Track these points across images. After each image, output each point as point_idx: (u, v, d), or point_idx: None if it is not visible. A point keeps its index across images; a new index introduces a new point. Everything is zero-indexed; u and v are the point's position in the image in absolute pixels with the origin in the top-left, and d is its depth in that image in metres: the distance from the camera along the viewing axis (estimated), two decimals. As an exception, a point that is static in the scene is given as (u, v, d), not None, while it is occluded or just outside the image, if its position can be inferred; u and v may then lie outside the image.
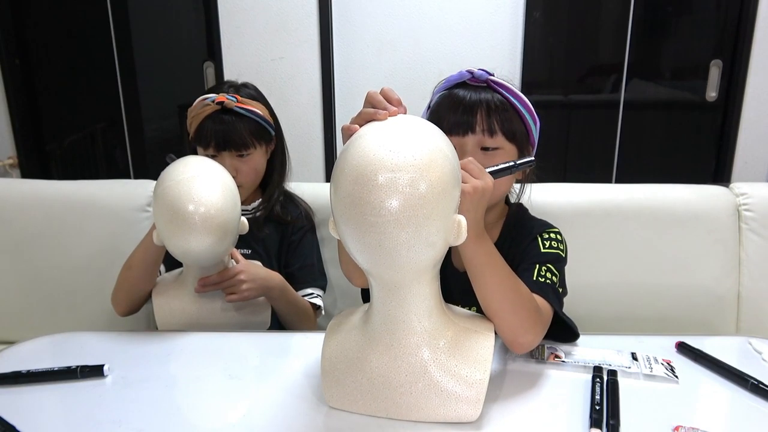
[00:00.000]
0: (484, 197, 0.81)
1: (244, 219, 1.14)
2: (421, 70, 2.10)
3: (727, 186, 1.54)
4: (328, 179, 2.18)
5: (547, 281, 0.97)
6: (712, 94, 2.13)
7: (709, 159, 2.20)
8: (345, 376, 0.82)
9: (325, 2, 2.03)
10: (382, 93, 0.80)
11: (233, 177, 1.22)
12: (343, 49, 2.11)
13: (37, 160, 2.41)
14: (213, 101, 1.25)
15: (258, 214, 1.36)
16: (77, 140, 2.49)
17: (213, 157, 1.26)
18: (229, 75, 2.12)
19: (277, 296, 1.25)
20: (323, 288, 1.40)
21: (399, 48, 2.09)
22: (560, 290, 0.99)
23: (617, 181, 2.22)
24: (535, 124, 1.04)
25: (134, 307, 1.22)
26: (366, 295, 1.09)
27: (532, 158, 0.91)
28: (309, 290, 1.36)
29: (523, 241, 1.04)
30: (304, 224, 1.41)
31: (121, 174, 2.43)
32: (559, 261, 1.02)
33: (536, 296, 0.92)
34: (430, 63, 2.09)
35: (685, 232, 1.46)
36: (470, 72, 1.01)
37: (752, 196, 1.48)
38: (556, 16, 2.15)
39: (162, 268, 1.27)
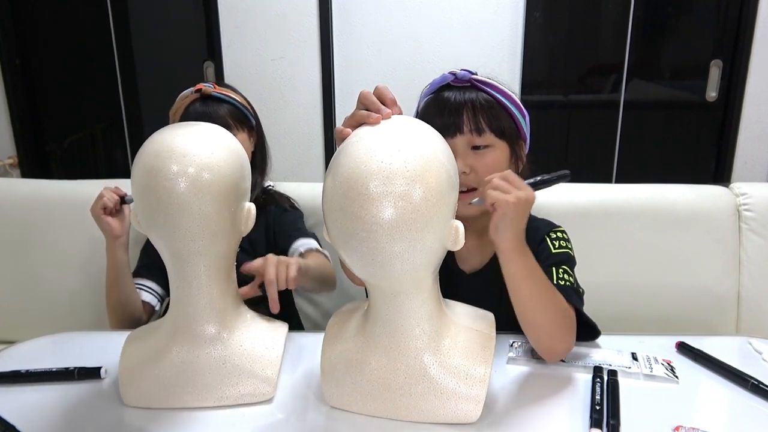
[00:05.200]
0: (527, 208, 0.82)
1: (251, 205, 0.89)
2: (421, 70, 2.10)
3: (727, 186, 1.54)
4: (328, 179, 2.19)
5: (567, 283, 0.97)
6: (712, 94, 2.13)
7: (709, 159, 2.20)
8: (344, 377, 0.82)
9: (325, 2, 2.03)
10: (376, 92, 0.78)
11: None
12: (343, 48, 2.11)
13: (37, 160, 2.41)
14: (191, 92, 1.30)
15: None
16: (77, 140, 2.49)
17: None
18: (229, 75, 2.12)
19: (305, 272, 1.12)
20: (315, 238, 1.33)
21: (399, 48, 2.09)
22: (579, 290, 1.00)
23: (617, 181, 2.22)
24: (524, 117, 1.04)
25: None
26: None
27: (567, 171, 0.91)
28: (302, 240, 1.30)
29: (531, 243, 1.04)
30: (285, 209, 1.40)
31: (121, 174, 2.42)
32: (570, 260, 1.03)
33: None
34: (430, 63, 2.09)
35: (685, 232, 1.46)
36: (453, 74, 1.01)
37: (752, 196, 1.48)
38: (556, 16, 2.15)
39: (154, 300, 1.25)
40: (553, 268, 0.98)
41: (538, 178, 0.88)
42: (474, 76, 1.01)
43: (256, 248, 1.33)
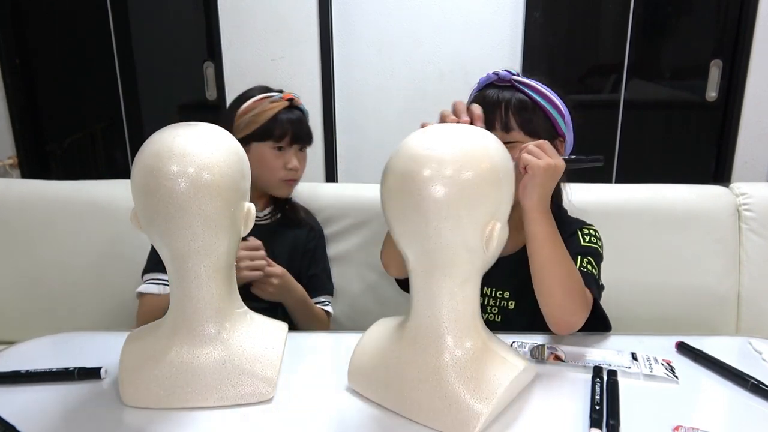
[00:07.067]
0: (555, 175, 0.91)
1: (251, 205, 0.89)
2: (421, 70, 2.10)
3: (727, 186, 1.53)
4: (328, 179, 2.19)
5: (589, 272, 1.01)
6: (712, 94, 2.13)
7: (709, 159, 2.20)
8: (370, 360, 0.85)
9: (325, 2, 2.03)
10: (470, 108, 0.90)
11: (295, 170, 1.30)
12: (343, 48, 2.11)
13: (37, 160, 2.41)
14: (280, 98, 1.30)
15: (271, 219, 1.37)
16: (77, 140, 2.49)
17: (279, 149, 1.30)
18: (229, 75, 2.12)
19: (294, 306, 1.29)
20: (331, 292, 1.42)
21: (399, 48, 2.09)
22: (600, 283, 1.04)
23: (617, 181, 2.22)
24: (562, 116, 1.08)
25: None
26: (401, 284, 1.18)
27: (601, 156, 0.98)
28: (321, 298, 1.38)
29: (562, 234, 1.07)
30: (318, 230, 1.43)
31: (121, 174, 2.42)
32: (597, 256, 1.07)
33: None
34: (430, 63, 2.09)
35: (685, 232, 1.46)
36: (496, 74, 1.08)
37: (752, 196, 1.48)
38: (556, 16, 2.15)
39: None
40: (578, 257, 1.03)
41: (573, 156, 0.97)
42: (514, 77, 1.06)
43: (278, 258, 1.33)
